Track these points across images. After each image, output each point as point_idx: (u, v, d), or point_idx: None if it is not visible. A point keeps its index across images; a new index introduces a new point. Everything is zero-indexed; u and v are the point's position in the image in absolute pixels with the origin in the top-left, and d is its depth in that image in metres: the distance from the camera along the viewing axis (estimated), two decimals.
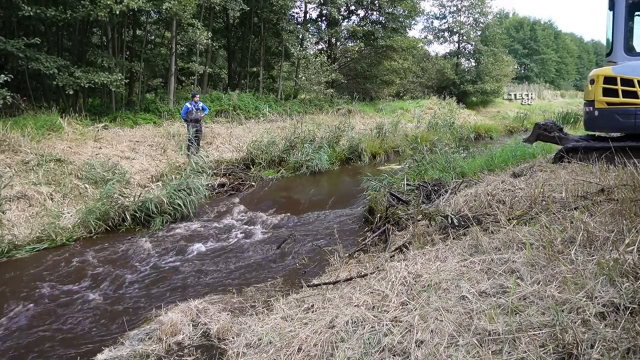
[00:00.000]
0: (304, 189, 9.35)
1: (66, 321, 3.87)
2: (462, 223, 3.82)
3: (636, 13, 5.38)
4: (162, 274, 4.89)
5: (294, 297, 3.43)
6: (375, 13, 21.47)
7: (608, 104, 5.13)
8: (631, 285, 2.05)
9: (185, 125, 10.31)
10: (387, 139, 13.71)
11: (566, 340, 1.79)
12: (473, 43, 26.94)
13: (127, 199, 6.58)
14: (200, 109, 10.22)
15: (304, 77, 17.61)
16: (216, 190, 8.59)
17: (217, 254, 5.51)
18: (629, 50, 5.21)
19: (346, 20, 21.53)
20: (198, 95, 10.35)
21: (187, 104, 10.06)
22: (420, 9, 22.83)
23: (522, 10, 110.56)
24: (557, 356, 1.77)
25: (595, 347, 1.73)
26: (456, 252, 3.13)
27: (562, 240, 2.73)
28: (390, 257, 3.82)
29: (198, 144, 10.14)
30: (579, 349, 1.74)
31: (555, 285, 2.24)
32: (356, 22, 21.43)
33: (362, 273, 3.48)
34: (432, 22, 28.05)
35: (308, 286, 3.65)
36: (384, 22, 21.06)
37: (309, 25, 19.81)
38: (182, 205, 6.81)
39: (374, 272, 3.32)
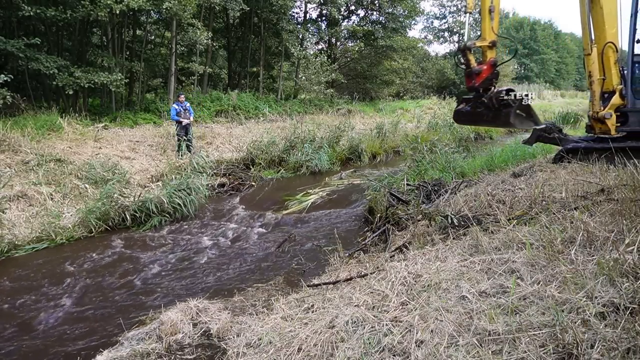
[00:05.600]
0: (304, 189, 9.33)
1: (64, 321, 3.87)
2: (462, 223, 3.82)
3: None
4: (162, 273, 4.89)
5: (294, 297, 3.43)
6: (375, 13, 21.49)
7: None
8: (631, 285, 2.05)
9: (176, 126, 10.04)
10: (387, 139, 13.69)
11: (566, 340, 1.79)
12: None
13: (127, 199, 6.58)
14: (188, 109, 9.95)
15: (304, 77, 17.62)
16: (216, 190, 8.59)
17: (217, 253, 5.51)
18: None
19: (346, 20, 21.57)
20: (183, 96, 10.11)
21: (175, 106, 9.84)
22: (420, 9, 22.87)
23: (522, 10, 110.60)
24: (557, 356, 1.77)
25: (595, 347, 1.73)
26: (456, 252, 3.13)
27: (562, 240, 2.73)
28: (390, 257, 3.82)
29: (190, 143, 9.95)
30: (579, 349, 1.74)
31: (555, 285, 2.23)
32: (356, 22, 21.47)
33: (362, 273, 3.48)
34: (432, 22, 28.15)
35: (308, 286, 3.65)
36: (384, 22, 21.07)
37: (309, 25, 19.81)
38: (182, 205, 6.82)
39: (374, 272, 3.32)
